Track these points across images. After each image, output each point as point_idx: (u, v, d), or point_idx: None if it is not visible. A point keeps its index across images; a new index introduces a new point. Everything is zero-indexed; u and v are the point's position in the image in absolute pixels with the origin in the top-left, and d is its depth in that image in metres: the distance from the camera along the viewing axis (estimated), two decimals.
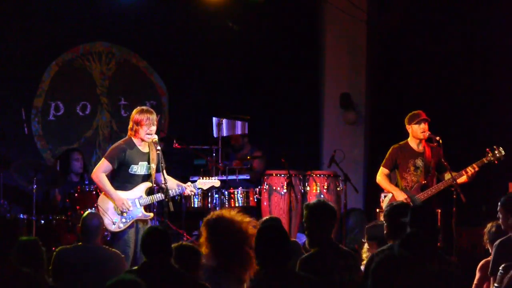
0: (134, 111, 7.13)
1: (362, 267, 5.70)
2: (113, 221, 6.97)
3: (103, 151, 10.36)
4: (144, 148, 7.10)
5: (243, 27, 10.46)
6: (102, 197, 7.10)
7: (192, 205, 9.20)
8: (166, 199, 6.91)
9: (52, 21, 10.06)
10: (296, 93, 10.95)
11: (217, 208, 8.94)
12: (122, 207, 6.95)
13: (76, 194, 8.76)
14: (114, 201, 6.98)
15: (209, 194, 9.08)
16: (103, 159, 7.11)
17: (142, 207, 7.06)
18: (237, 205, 9.23)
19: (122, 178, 7.07)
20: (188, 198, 9.14)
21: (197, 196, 9.19)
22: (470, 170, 7.81)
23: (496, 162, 7.92)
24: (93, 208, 8.55)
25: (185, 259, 4.87)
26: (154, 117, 7.08)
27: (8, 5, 9.91)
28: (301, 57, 10.93)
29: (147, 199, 7.07)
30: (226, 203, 9.18)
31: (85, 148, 10.16)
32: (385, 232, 5.54)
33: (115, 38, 10.48)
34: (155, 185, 7.09)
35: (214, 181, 7.54)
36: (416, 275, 3.96)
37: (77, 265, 5.79)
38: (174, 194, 7.23)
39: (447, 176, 7.89)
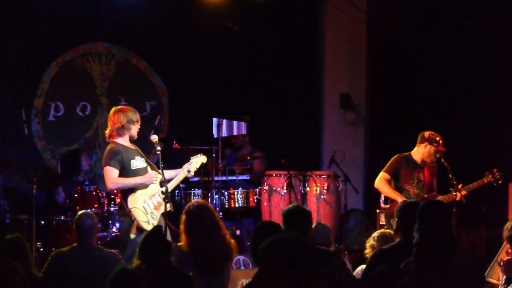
0: (127, 109, 7.09)
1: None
2: (147, 220, 6.94)
3: (103, 151, 10.35)
4: (130, 145, 7.14)
5: (243, 27, 10.46)
6: (131, 199, 7.00)
7: None
8: (166, 200, 6.91)
9: (52, 22, 10.06)
10: (296, 94, 10.95)
11: (217, 208, 8.95)
12: (154, 180, 6.96)
13: (76, 195, 8.75)
14: (144, 183, 6.94)
15: (209, 194, 9.08)
16: (106, 168, 6.95)
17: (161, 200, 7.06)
18: (237, 205, 9.25)
19: (127, 177, 7.06)
20: (187, 198, 9.15)
21: (196, 197, 9.19)
22: (463, 192, 7.78)
23: (495, 184, 7.92)
24: (93, 209, 8.61)
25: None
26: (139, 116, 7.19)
27: (8, 5, 9.92)
28: (301, 58, 10.93)
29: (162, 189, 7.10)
30: (226, 203, 9.19)
31: (85, 149, 10.15)
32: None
33: (115, 38, 10.48)
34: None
35: (202, 158, 7.48)
36: None
37: (74, 267, 5.79)
38: (177, 182, 7.28)
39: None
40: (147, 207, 7.00)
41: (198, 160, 7.48)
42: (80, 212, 6.19)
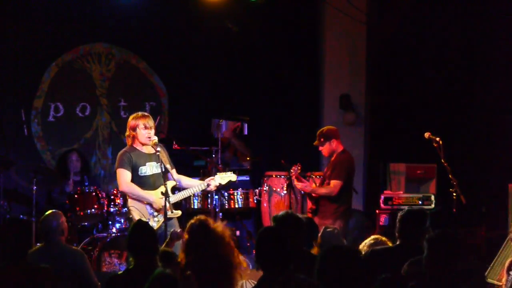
0: (130, 117, 7.21)
1: None
2: (147, 220, 6.96)
3: (103, 152, 10.38)
4: (148, 150, 7.14)
5: (243, 28, 10.45)
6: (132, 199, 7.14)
7: (192, 207, 9.20)
8: (166, 201, 6.91)
9: (52, 22, 10.06)
10: (296, 94, 10.94)
11: (217, 209, 8.94)
12: (160, 206, 7.00)
13: (76, 195, 8.74)
14: (151, 203, 7.03)
15: (209, 195, 9.08)
16: (118, 170, 7.15)
17: (169, 205, 7.07)
18: (236, 206, 9.24)
19: (135, 183, 7.10)
20: (187, 199, 9.14)
21: (196, 198, 9.19)
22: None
23: None
24: (93, 210, 8.61)
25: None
26: (149, 121, 7.13)
27: (8, 6, 9.92)
28: (301, 58, 10.92)
29: (174, 197, 7.11)
30: (226, 204, 9.18)
31: (85, 149, 10.16)
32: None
33: (114, 39, 10.47)
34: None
35: (231, 176, 7.51)
36: None
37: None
38: (193, 192, 7.43)
39: None
40: (148, 208, 7.05)
41: (225, 177, 7.43)
42: (47, 212, 6.31)
